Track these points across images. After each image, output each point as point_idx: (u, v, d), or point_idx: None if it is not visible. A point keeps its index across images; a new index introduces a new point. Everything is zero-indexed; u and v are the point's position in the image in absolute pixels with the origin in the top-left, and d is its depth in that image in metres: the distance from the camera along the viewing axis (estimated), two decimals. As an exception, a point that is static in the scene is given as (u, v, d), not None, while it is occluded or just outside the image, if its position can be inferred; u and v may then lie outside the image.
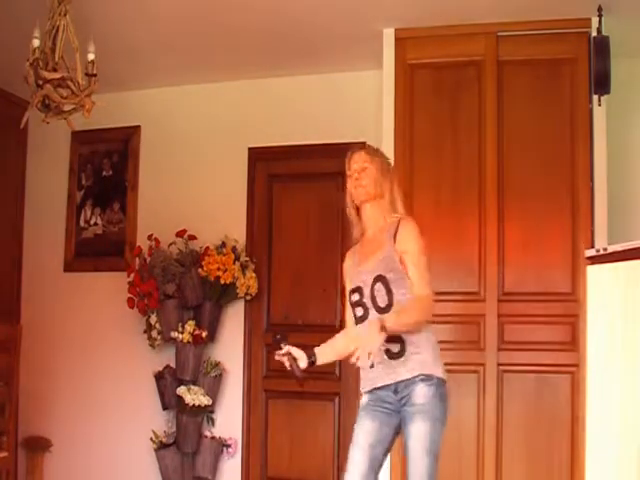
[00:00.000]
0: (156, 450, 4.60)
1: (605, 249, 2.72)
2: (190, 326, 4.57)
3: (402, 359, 2.61)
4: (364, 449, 2.64)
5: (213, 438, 4.64)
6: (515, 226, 3.93)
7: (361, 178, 2.76)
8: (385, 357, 2.61)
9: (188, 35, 4.25)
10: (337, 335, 2.86)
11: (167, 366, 4.69)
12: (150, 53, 4.53)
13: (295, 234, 4.79)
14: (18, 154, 5.25)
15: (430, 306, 2.64)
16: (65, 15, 3.25)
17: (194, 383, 4.59)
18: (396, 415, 2.66)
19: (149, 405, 4.79)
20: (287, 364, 2.67)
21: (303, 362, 2.69)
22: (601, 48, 3.70)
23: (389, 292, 2.63)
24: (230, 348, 4.81)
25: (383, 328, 2.45)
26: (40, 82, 3.15)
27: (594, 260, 2.75)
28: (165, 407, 4.68)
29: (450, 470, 3.88)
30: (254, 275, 4.70)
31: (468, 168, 4.00)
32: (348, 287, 2.80)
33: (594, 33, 3.79)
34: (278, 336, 2.72)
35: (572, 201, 3.88)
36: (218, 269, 4.54)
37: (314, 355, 2.74)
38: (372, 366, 2.58)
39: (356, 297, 2.73)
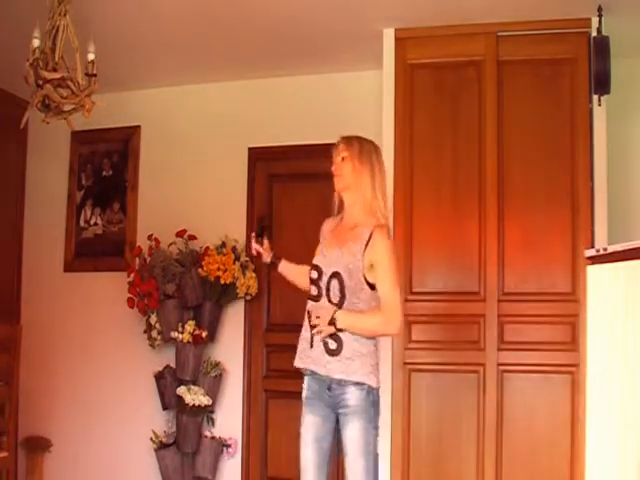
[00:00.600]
0: (156, 450, 4.60)
1: (605, 249, 2.72)
2: (190, 326, 4.57)
3: (337, 357, 2.72)
4: (314, 444, 2.79)
5: (213, 438, 4.65)
6: (515, 226, 3.93)
7: (339, 168, 2.87)
8: (322, 348, 2.74)
9: (188, 35, 4.25)
10: (300, 266, 3.08)
11: (167, 366, 4.69)
12: (150, 53, 4.53)
13: (295, 234, 4.79)
14: (18, 154, 5.25)
15: (393, 322, 2.75)
16: (65, 15, 3.25)
17: (194, 383, 4.59)
18: (334, 412, 2.78)
19: (149, 405, 4.79)
20: (256, 251, 3.07)
21: (268, 258, 3.09)
22: (601, 48, 3.70)
23: (342, 294, 2.74)
24: (230, 348, 4.81)
25: (333, 323, 2.65)
26: (40, 82, 3.14)
27: (594, 260, 2.75)
28: (165, 407, 4.68)
29: (450, 470, 3.88)
30: (254, 275, 4.70)
31: (468, 168, 4.00)
32: (314, 259, 2.91)
33: (594, 33, 3.79)
34: (263, 224, 3.13)
35: (572, 201, 3.88)
36: (218, 269, 4.54)
37: (279, 261, 3.11)
38: (311, 345, 2.77)
39: (315, 275, 2.84)
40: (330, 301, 2.76)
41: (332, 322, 2.66)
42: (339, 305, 2.74)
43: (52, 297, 5.16)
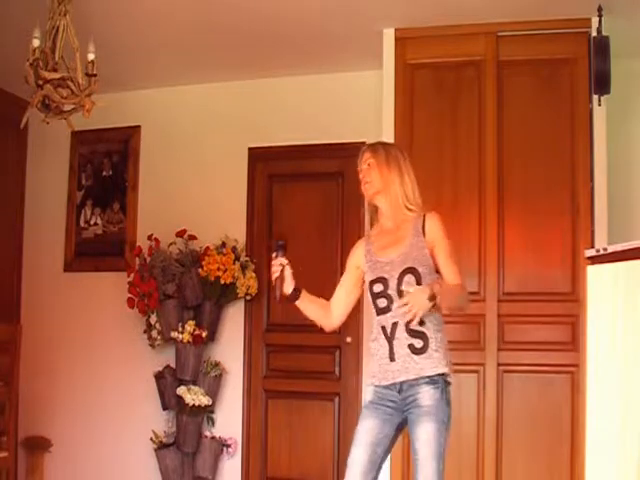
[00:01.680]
0: (156, 450, 4.60)
1: (605, 249, 2.71)
2: (190, 326, 4.57)
3: (425, 355, 2.61)
4: (365, 447, 2.63)
5: (213, 438, 4.64)
6: (515, 226, 3.93)
7: (366, 175, 2.80)
8: (408, 351, 2.61)
9: (188, 35, 4.25)
10: (322, 299, 2.84)
11: (167, 366, 4.69)
12: (150, 53, 4.53)
13: (295, 234, 4.78)
14: (18, 154, 5.25)
15: (467, 295, 2.74)
16: (65, 15, 3.26)
17: (194, 383, 4.59)
18: (398, 415, 2.64)
19: (149, 405, 4.79)
20: (275, 277, 2.70)
21: (289, 288, 2.72)
22: (601, 48, 3.70)
23: (419, 284, 2.62)
24: (230, 348, 4.81)
25: (433, 297, 2.50)
26: (40, 82, 3.15)
27: (594, 260, 2.74)
28: (165, 407, 4.68)
29: (450, 470, 3.87)
30: (254, 275, 4.70)
31: (468, 168, 4.00)
32: (367, 277, 2.74)
33: (594, 33, 3.79)
34: (281, 242, 2.73)
35: (572, 201, 3.88)
36: (218, 269, 4.54)
37: (300, 292, 2.75)
38: (392, 359, 2.61)
39: (379, 288, 2.69)
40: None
41: (432, 296, 2.50)
42: None
43: (52, 297, 5.16)
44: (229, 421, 4.76)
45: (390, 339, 2.64)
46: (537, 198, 3.92)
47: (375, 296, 2.71)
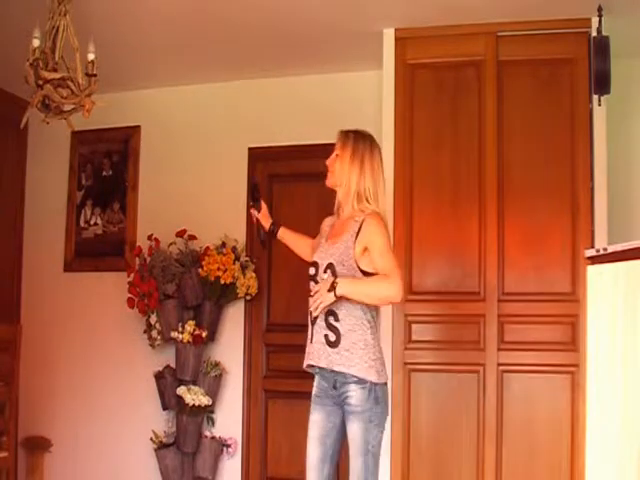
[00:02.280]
0: (156, 450, 4.60)
1: (605, 249, 2.71)
2: (190, 326, 4.57)
3: (336, 350, 2.73)
4: (313, 440, 2.83)
5: (213, 438, 4.65)
6: (515, 226, 3.93)
7: (331, 164, 2.90)
8: (323, 340, 2.76)
9: (188, 35, 4.25)
10: (299, 234, 3.17)
11: (167, 366, 4.69)
12: (150, 53, 4.53)
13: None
14: (18, 154, 5.25)
15: (393, 284, 2.67)
16: (65, 15, 3.26)
17: (194, 383, 4.59)
18: (339, 408, 2.79)
19: (149, 405, 4.79)
20: (255, 218, 3.11)
21: (266, 225, 3.11)
22: (601, 48, 3.70)
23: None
24: (230, 348, 4.81)
25: (332, 289, 2.63)
26: (40, 82, 3.15)
27: (594, 260, 2.74)
28: (165, 407, 4.68)
29: (450, 470, 3.88)
30: (254, 275, 4.70)
31: (468, 168, 4.00)
32: (312, 257, 2.93)
33: (594, 33, 3.79)
34: (254, 185, 3.20)
35: (572, 201, 3.88)
36: (218, 269, 4.54)
37: (277, 227, 3.14)
38: (312, 340, 2.80)
39: (312, 271, 2.86)
40: None
41: (332, 289, 2.63)
42: None
43: (52, 297, 5.16)
44: (229, 421, 4.76)
45: (312, 322, 2.80)
46: (537, 198, 3.92)
47: (308, 277, 2.87)
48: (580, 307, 3.67)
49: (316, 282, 2.81)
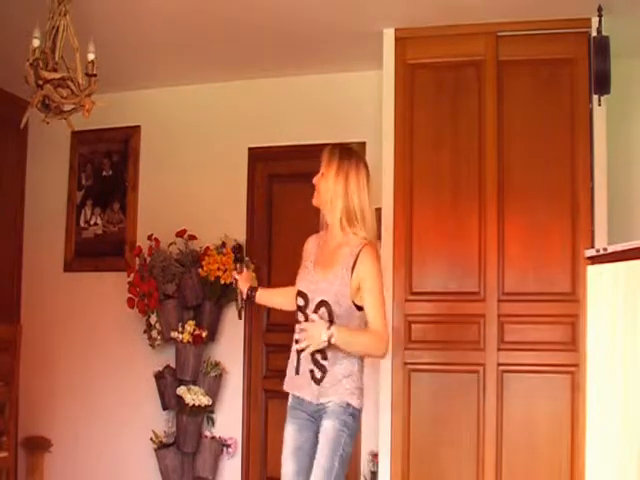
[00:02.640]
0: (156, 450, 4.60)
1: (605, 249, 2.71)
2: (190, 326, 4.57)
3: (319, 386, 2.68)
4: (290, 452, 2.76)
5: (213, 438, 4.65)
6: (515, 226, 3.93)
7: (317, 183, 2.80)
8: (309, 375, 2.70)
9: (188, 35, 4.25)
10: (279, 289, 3.09)
11: (167, 366, 4.69)
12: (150, 53, 4.53)
13: (295, 234, 4.77)
14: (18, 154, 5.25)
15: (383, 344, 2.65)
16: (65, 15, 3.26)
17: (194, 383, 4.59)
18: (314, 421, 2.74)
19: (149, 405, 4.79)
20: (235, 282, 3.13)
21: (244, 287, 3.07)
22: (601, 48, 3.70)
23: (331, 322, 2.63)
24: (230, 348, 4.81)
25: (330, 338, 2.52)
26: (40, 82, 3.15)
27: (594, 260, 2.74)
28: (165, 407, 4.68)
29: (450, 470, 3.88)
30: (254, 275, 4.69)
31: (468, 168, 4.00)
32: (298, 282, 2.81)
33: (594, 33, 3.79)
34: (247, 258, 3.30)
35: (572, 201, 3.87)
36: (218, 269, 4.54)
37: (255, 291, 3.09)
38: (297, 372, 2.74)
39: (301, 302, 2.75)
40: None
41: (329, 337, 2.53)
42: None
43: (52, 297, 5.16)
44: (229, 421, 4.76)
45: (299, 353, 2.70)
46: (537, 198, 3.92)
47: (297, 307, 2.77)
48: (580, 307, 3.67)
49: (305, 315, 2.71)
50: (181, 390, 4.52)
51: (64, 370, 5.04)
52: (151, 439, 4.66)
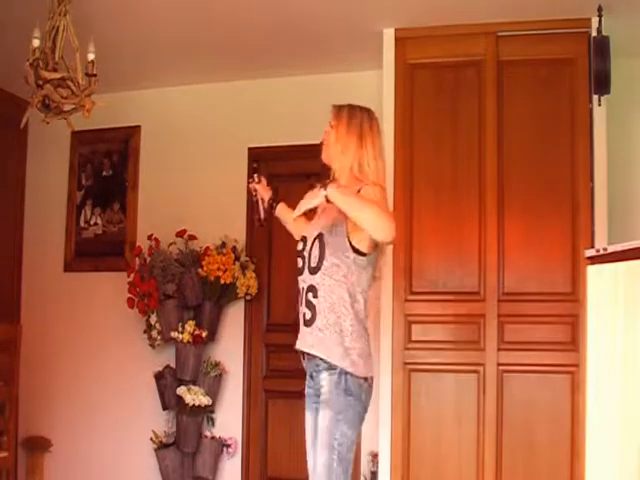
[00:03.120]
0: (156, 450, 4.60)
1: (605, 249, 2.71)
2: (190, 326, 4.57)
3: (309, 329, 2.55)
4: (311, 445, 2.68)
5: (213, 438, 4.65)
6: (515, 226, 3.93)
7: (326, 137, 2.70)
8: (302, 320, 2.59)
9: (188, 35, 4.26)
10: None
11: (167, 366, 4.69)
12: (151, 53, 4.53)
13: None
14: (18, 154, 5.25)
15: (385, 219, 2.35)
16: (65, 15, 3.26)
17: (194, 383, 4.59)
18: (318, 399, 2.61)
19: (149, 405, 4.79)
20: (254, 193, 2.99)
21: (266, 196, 2.97)
22: (601, 48, 3.70)
23: (321, 253, 2.52)
24: (230, 348, 4.81)
25: (324, 186, 2.40)
26: (40, 82, 3.15)
27: (594, 260, 2.74)
28: (165, 407, 4.68)
29: (450, 470, 3.88)
30: (254, 275, 4.70)
31: (468, 168, 4.00)
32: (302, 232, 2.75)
33: (594, 33, 3.79)
34: (255, 165, 2.95)
35: (572, 201, 3.88)
36: (218, 269, 4.54)
37: (276, 203, 2.97)
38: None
39: (300, 246, 2.66)
40: (309, 266, 2.56)
41: (323, 187, 2.40)
42: (317, 268, 2.52)
43: (52, 297, 5.16)
44: (229, 421, 4.76)
45: (300, 302, 2.62)
46: (537, 198, 3.92)
47: (296, 253, 2.68)
48: (580, 307, 3.67)
49: (303, 259, 2.61)
50: (181, 390, 4.52)
51: (64, 370, 5.04)
52: (151, 439, 4.66)
